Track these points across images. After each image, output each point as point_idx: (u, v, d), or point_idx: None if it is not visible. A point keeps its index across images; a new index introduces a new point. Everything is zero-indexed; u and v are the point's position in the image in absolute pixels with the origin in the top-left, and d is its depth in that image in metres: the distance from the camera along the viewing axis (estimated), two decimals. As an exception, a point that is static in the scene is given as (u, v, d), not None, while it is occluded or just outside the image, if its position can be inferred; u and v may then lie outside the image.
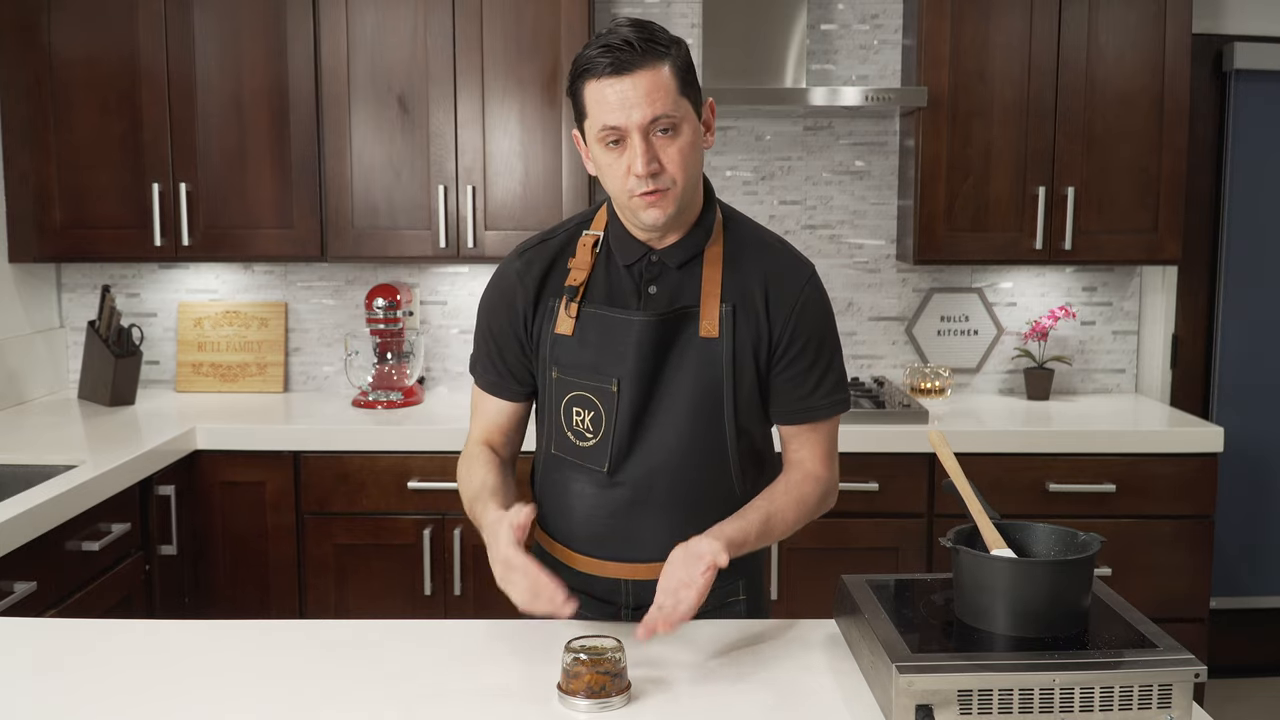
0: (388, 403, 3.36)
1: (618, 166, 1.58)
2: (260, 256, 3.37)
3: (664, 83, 1.56)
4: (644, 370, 1.66)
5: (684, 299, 1.67)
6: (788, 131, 3.59)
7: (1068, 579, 1.45)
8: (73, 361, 3.65)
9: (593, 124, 1.58)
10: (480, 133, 3.26)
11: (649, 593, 1.60)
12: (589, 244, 1.70)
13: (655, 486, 1.70)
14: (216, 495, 3.08)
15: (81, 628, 1.76)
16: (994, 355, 3.66)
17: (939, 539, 1.60)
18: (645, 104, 1.54)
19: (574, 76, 1.60)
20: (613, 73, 1.54)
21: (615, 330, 1.66)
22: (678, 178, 1.58)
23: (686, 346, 1.67)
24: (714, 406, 1.68)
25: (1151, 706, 1.34)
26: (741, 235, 1.72)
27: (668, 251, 1.67)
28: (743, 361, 1.68)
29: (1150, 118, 3.25)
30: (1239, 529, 3.77)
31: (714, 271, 1.67)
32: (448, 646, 1.65)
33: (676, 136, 1.58)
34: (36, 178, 3.29)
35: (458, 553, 3.05)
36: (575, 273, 1.69)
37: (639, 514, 1.71)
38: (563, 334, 1.69)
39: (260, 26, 3.24)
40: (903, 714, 1.33)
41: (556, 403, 1.72)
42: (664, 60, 1.56)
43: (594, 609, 1.77)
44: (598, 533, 1.73)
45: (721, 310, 1.66)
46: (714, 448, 1.70)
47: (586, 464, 1.71)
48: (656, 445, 1.68)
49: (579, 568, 1.76)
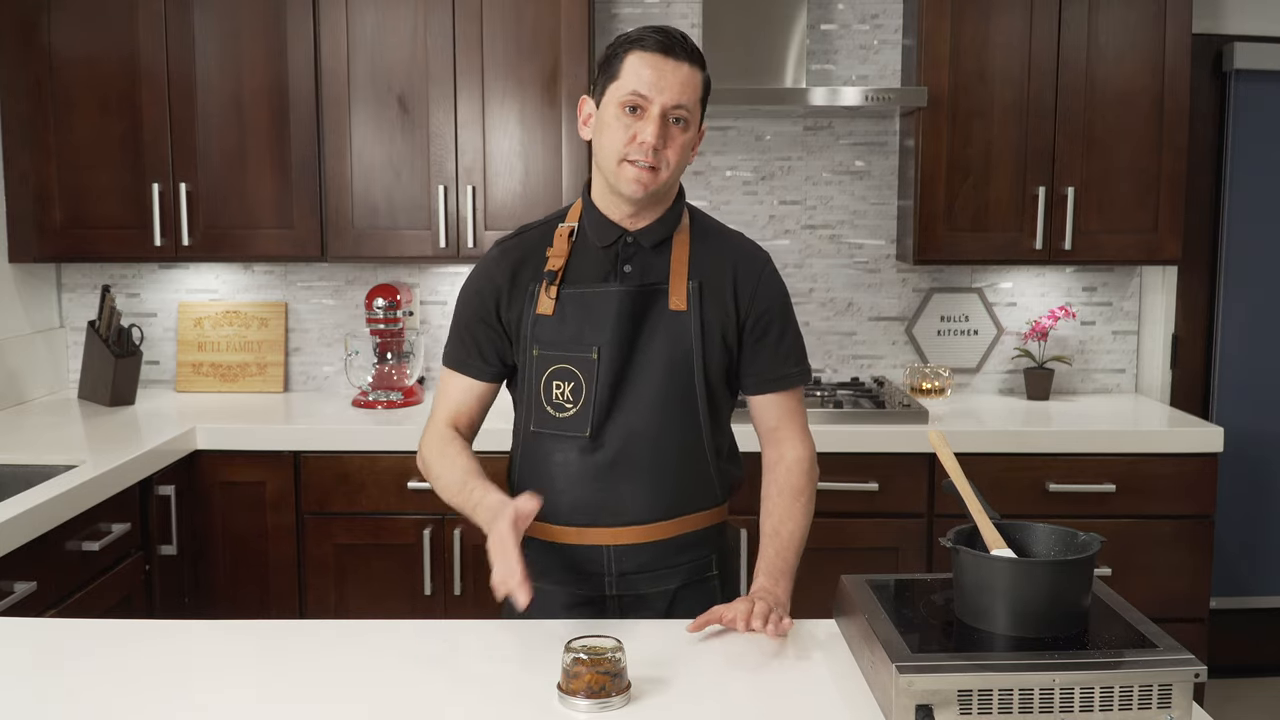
0: (388, 403, 3.36)
1: (625, 132, 1.72)
2: (260, 256, 3.37)
3: (695, 83, 1.75)
4: (622, 338, 1.79)
5: (655, 276, 1.82)
6: (788, 131, 3.59)
7: (1068, 579, 1.45)
8: (73, 361, 3.65)
9: (622, 86, 1.72)
10: (480, 133, 3.26)
11: (630, 559, 1.80)
12: (565, 234, 1.84)
13: (634, 450, 1.80)
14: (216, 495, 3.08)
15: (81, 627, 1.76)
16: (994, 355, 3.66)
17: (939, 539, 1.60)
18: (677, 90, 1.72)
19: (618, 45, 1.75)
20: (662, 52, 1.71)
21: (594, 303, 1.80)
22: (671, 162, 1.74)
23: (658, 319, 1.80)
24: (686, 374, 1.81)
25: (1151, 706, 1.34)
26: (705, 225, 1.89)
27: (642, 232, 1.82)
28: (710, 335, 1.82)
29: (1150, 118, 3.26)
30: (1239, 529, 3.77)
31: (682, 252, 1.83)
32: (448, 646, 1.65)
33: (684, 132, 1.75)
34: (36, 178, 3.29)
35: (458, 553, 3.05)
36: (554, 259, 1.82)
37: (619, 477, 1.80)
38: (543, 314, 1.81)
39: (260, 26, 3.24)
40: (903, 714, 1.33)
41: (536, 380, 1.82)
42: (700, 68, 1.76)
43: (579, 583, 1.84)
44: (580, 499, 1.81)
45: (689, 286, 1.81)
46: (687, 413, 1.82)
47: (568, 433, 1.80)
48: (634, 410, 1.79)
49: (561, 540, 1.83)
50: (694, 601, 1.83)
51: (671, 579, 1.85)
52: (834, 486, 3.03)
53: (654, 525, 1.82)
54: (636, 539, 1.80)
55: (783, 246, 3.62)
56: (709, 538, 1.87)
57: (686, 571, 1.85)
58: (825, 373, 3.67)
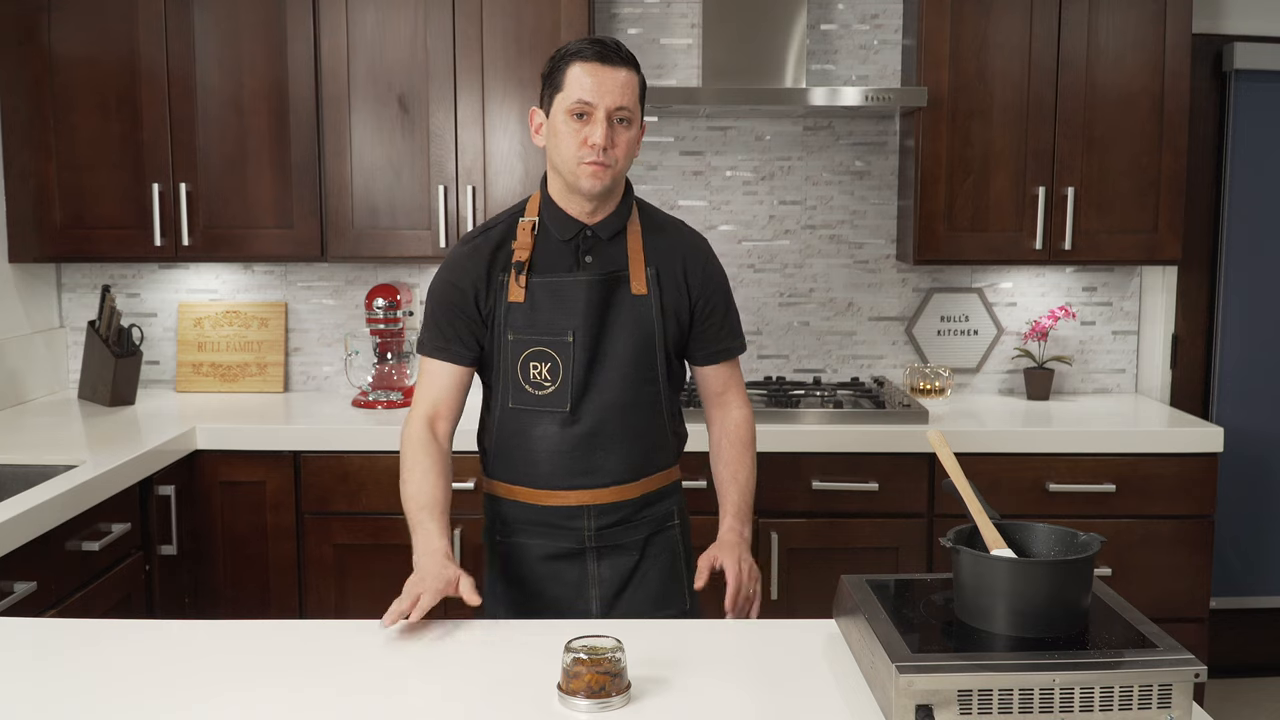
0: (388, 403, 3.36)
1: (577, 136, 1.90)
2: (260, 256, 3.37)
3: (632, 85, 1.94)
4: (592, 322, 1.98)
5: (615, 264, 2.01)
6: (788, 131, 3.59)
7: (1068, 579, 1.45)
8: (73, 361, 3.65)
9: (567, 96, 1.90)
10: (480, 133, 3.26)
11: (606, 516, 2.03)
12: (527, 228, 2.02)
13: (608, 420, 2.01)
14: (216, 495, 3.08)
15: (81, 628, 1.76)
16: (994, 355, 3.66)
17: (939, 539, 1.60)
18: (618, 93, 1.90)
19: (559, 59, 1.93)
20: (599, 61, 1.90)
21: (564, 291, 1.98)
22: (619, 159, 1.93)
23: (622, 303, 2.00)
24: (649, 351, 2.02)
25: (1151, 706, 1.34)
26: (651, 216, 2.10)
27: (600, 225, 2.01)
28: (668, 315, 2.04)
29: (1150, 118, 3.26)
30: (1239, 529, 3.77)
31: (636, 242, 2.03)
32: (448, 646, 1.65)
33: (628, 129, 1.94)
34: (36, 178, 3.29)
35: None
36: (519, 251, 2.00)
37: (595, 445, 2.02)
38: (515, 302, 1.99)
39: (260, 26, 3.24)
40: (903, 714, 1.33)
41: (513, 362, 2.01)
42: (635, 71, 1.95)
43: (560, 537, 2.05)
44: (561, 466, 2.02)
45: (647, 272, 2.02)
46: (649, 385, 2.04)
47: (548, 408, 2.00)
48: (607, 385, 2.00)
49: (543, 502, 2.04)
50: (660, 548, 2.09)
51: (641, 529, 2.08)
52: (834, 486, 3.04)
53: (626, 485, 2.04)
54: (612, 499, 2.03)
55: (783, 246, 3.62)
56: (670, 492, 2.13)
57: (653, 522, 2.09)
58: (825, 373, 3.67)
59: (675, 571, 2.11)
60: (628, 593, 2.05)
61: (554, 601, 2.04)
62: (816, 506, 3.06)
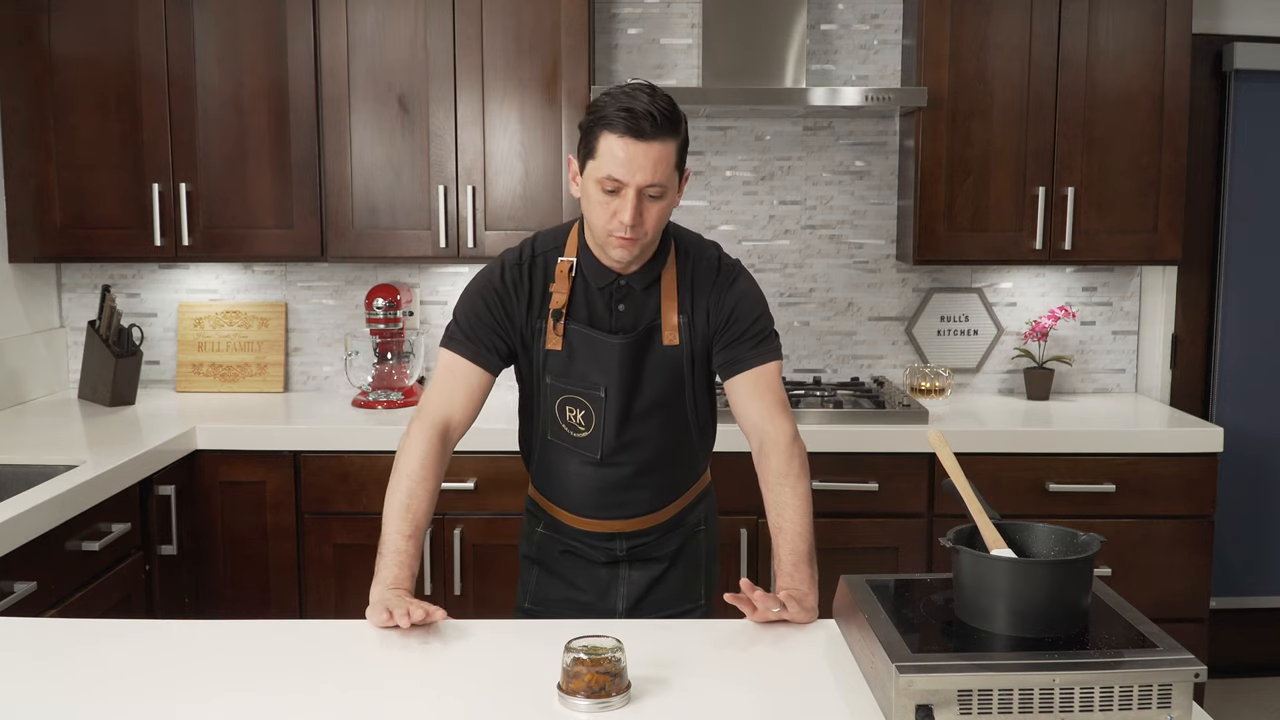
0: (388, 403, 3.36)
1: (607, 208, 1.84)
2: (260, 256, 3.37)
3: (668, 157, 1.83)
4: (625, 379, 1.98)
5: (647, 315, 1.99)
6: (788, 131, 3.59)
7: (1068, 579, 1.45)
8: (73, 361, 3.65)
9: (599, 168, 1.82)
10: (480, 133, 3.26)
11: (640, 538, 2.09)
12: (565, 270, 1.98)
13: (639, 465, 2.04)
14: (216, 495, 3.08)
15: (81, 628, 1.76)
16: (994, 355, 3.66)
17: (939, 539, 1.60)
18: (650, 171, 1.81)
19: (594, 120, 1.83)
20: (632, 136, 1.79)
21: (599, 348, 1.97)
22: (650, 232, 1.87)
23: (655, 357, 2.00)
24: (679, 398, 2.03)
25: (1151, 706, 1.34)
26: (686, 251, 2.01)
27: (633, 277, 1.97)
28: (698, 357, 2.02)
29: (1150, 118, 3.26)
30: (1239, 529, 3.77)
31: (670, 287, 1.99)
32: (448, 646, 1.65)
33: (660, 201, 1.85)
34: (36, 178, 3.29)
35: (458, 553, 3.05)
36: (557, 296, 1.97)
37: (628, 486, 2.05)
38: (553, 349, 1.99)
39: (260, 26, 3.24)
40: (903, 714, 1.33)
41: (550, 402, 2.03)
42: (674, 138, 1.83)
43: (595, 552, 2.10)
44: (594, 500, 2.07)
45: (679, 321, 1.99)
46: (681, 429, 2.06)
47: (581, 450, 2.03)
48: (638, 435, 2.02)
49: (579, 526, 2.09)
50: (690, 551, 2.15)
51: (673, 541, 2.13)
52: (834, 486, 3.04)
53: (659, 513, 2.10)
54: (644, 525, 2.09)
55: (783, 246, 3.62)
56: (701, 499, 2.19)
57: (684, 532, 2.15)
58: (825, 373, 3.67)
59: (697, 568, 2.17)
60: (653, 593, 2.12)
61: (583, 594, 2.12)
62: (816, 506, 3.02)
